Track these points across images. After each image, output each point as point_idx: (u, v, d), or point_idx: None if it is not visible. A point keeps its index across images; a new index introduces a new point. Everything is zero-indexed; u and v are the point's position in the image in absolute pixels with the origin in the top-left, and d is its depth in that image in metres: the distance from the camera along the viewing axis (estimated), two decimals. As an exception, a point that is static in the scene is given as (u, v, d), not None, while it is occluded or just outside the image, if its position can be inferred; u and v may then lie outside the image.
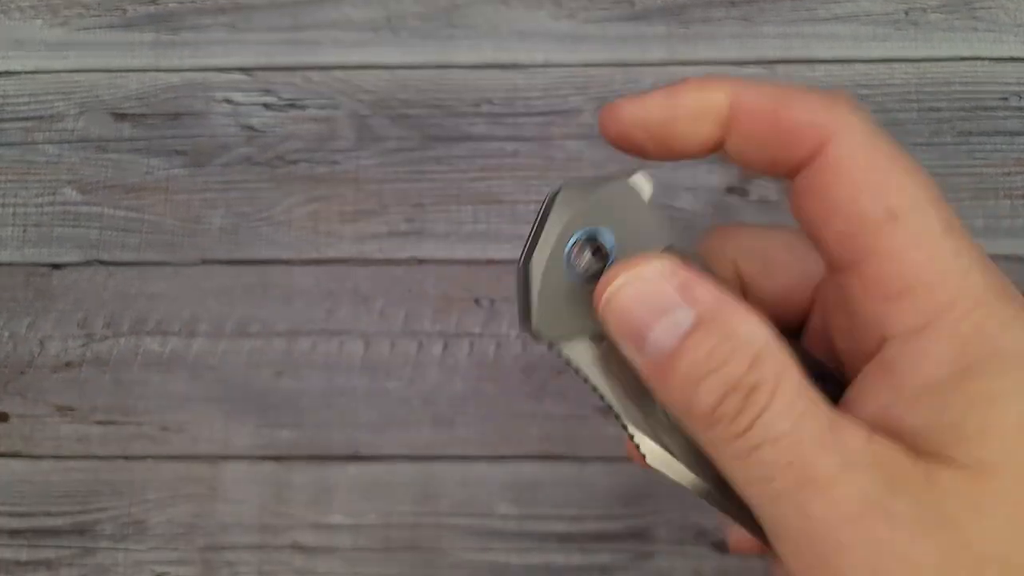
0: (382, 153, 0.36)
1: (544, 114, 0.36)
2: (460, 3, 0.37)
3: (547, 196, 0.20)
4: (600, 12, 0.37)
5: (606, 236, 0.20)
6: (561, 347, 0.20)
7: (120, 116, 0.37)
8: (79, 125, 0.37)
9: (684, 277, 0.18)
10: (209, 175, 0.36)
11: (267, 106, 0.37)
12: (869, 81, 0.36)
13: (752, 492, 0.18)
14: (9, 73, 0.37)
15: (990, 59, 0.36)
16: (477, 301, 0.35)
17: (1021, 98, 0.36)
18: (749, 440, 0.17)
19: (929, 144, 0.36)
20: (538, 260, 0.20)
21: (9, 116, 0.37)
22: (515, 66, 0.37)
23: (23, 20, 0.38)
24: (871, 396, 0.18)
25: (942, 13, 0.37)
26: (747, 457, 0.17)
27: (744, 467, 0.17)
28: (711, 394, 0.17)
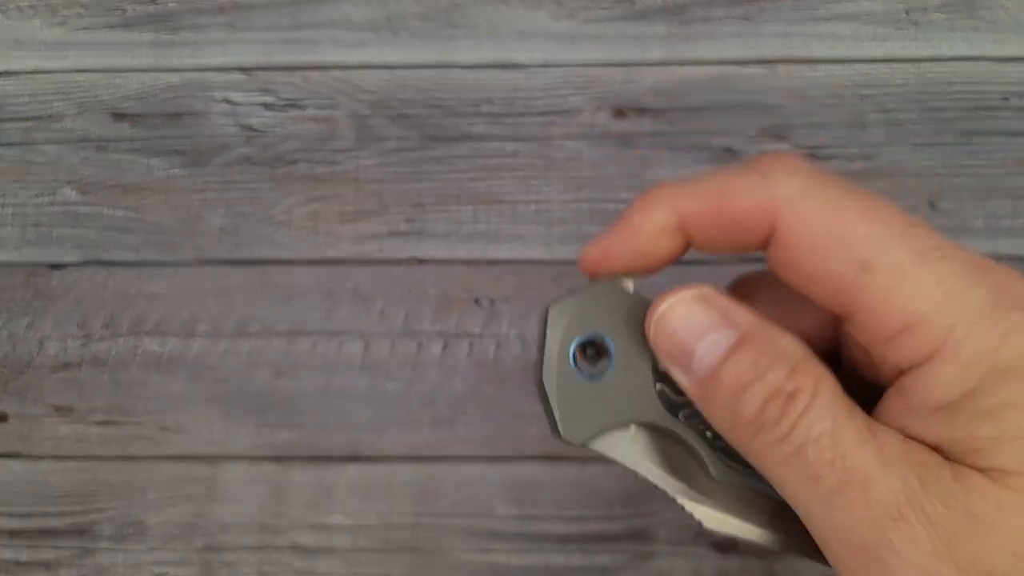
0: (382, 153, 0.36)
1: (544, 114, 0.36)
2: (460, 3, 0.37)
3: (540, 316, 0.22)
4: (600, 12, 0.37)
5: (601, 336, 0.22)
6: (595, 446, 0.22)
7: (119, 116, 0.37)
8: (78, 125, 0.37)
9: (724, 303, 0.20)
10: (209, 175, 0.36)
11: (266, 106, 0.37)
12: (870, 81, 0.36)
13: (801, 498, 0.18)
14: (8, 73, 0.37)
15: (991, 59, 0.36)
16: (477, 301, 0.35)
17: (1022, 98, 0.36)
18: (792, 441, 0.18)
19: (930, 144, 0.36)
20: (548, 375, 0.22)
21: (8, 116, 0.37)
22: (515, 66, 0.37)
23: (22, 20, 0.38)
24: (891, 418, 0.19)
25: (943, 13, 0.37)
26: (793, 460, 0.18)
27: (791, 471, 0.18)
28: (754, 401, 0.18)
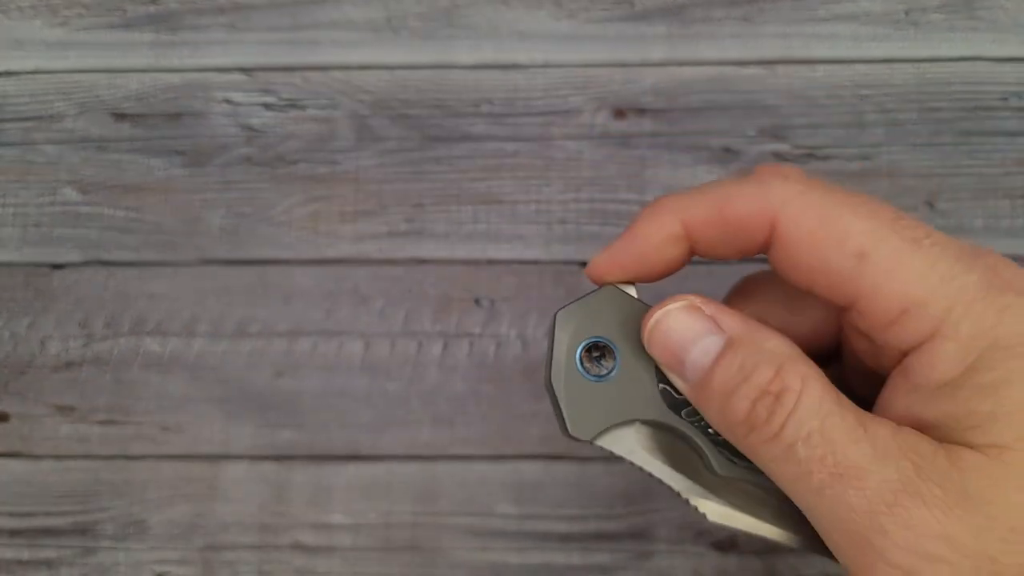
0: (382, 153, 0.36)
1: (544, 114, 0.36)
2: (460, 3, 0.37)
3: (550, 322, 0.23)
4: (600, 12, 0.37)
5: (606, 339, 0.23)
6: (602, 443, 0.23)
7: (120, 116, 0.37)
8: (79, 125, 0.37)
9: (713, 309, 0.21)
10: (209, 175, 0.36)
11: (267, 106, 0.37)
12: (869, 81, 0.36)
13: (797, 491, 0.19)
14: (9, 73, 0.37)
15: (990, 59, 0.36)
16: (477, 301, 0.35)
17: (1021, 98, 0.36)
18: (783, 440, 0.19)
19: (929, 144, 0.36)
20: (556, 376, 0.23)
21: (9, 116, 0.37)
22: (515, 66, 0.37)
23: (23, 20, 0.38)
24: (896, 398, 0.20)
25: (942, 13, 0.37)
26: (785, 457, 0.19)
27: (785, 467, 0.19)
28: (744, 401, 0.19)
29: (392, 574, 0.34)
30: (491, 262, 0.35)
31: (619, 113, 0.36)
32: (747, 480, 0.21)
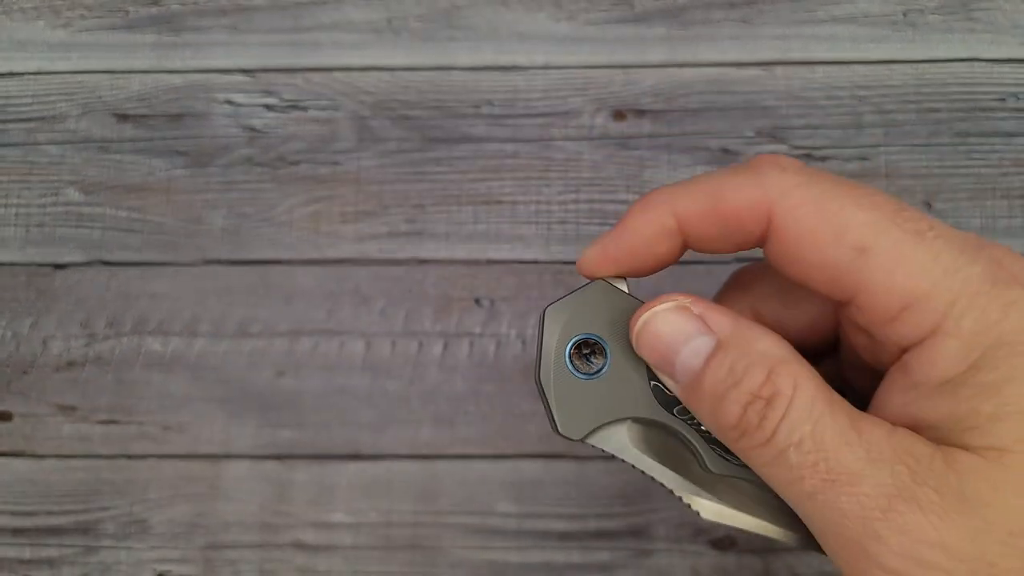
0: (383, 154, 0.36)
1: (544, 115, 0.36)
2: (460, 5, 0.37)
3: (539, 318, 0.23)
4: (600, 14, 0.37)
5: (597, 335, 0.22)
6: (593, 441, 0.22)
7: (122, 117, 0.37)
8: (81, 126, 0.37)
9: (702, 308, 0.20)
10: (211, 176, 0.36)
11: (268, 107, 0.37)
12: (867, 82, 0.36)
13: (790, 495, 0.19)
14: (12, 74, 0.38)
15: (988, 60, 0.36)
16: (477, 301, 0.35)
17: (1018, 99, 0.36)
18: (775, 445, 0.18)
19: (927, 145, 0.36)
20: (545, 373, 0.22)
21: (12, 117, 0.37)
22: (515, 68, 0.37)
23: (25, 21, 0.38)
24: (894, 396, 0.19)
25: (940, 14, 0.37)
26: (777, 462, 0.18)
27: (777, 472, 0.19)
28: (735, 406, 0.19)
29: (393, 573, 0.34)
30: (491, 262, 0.36)
31: (618, 114, 0.36)
32: (741, 477, 0.21)
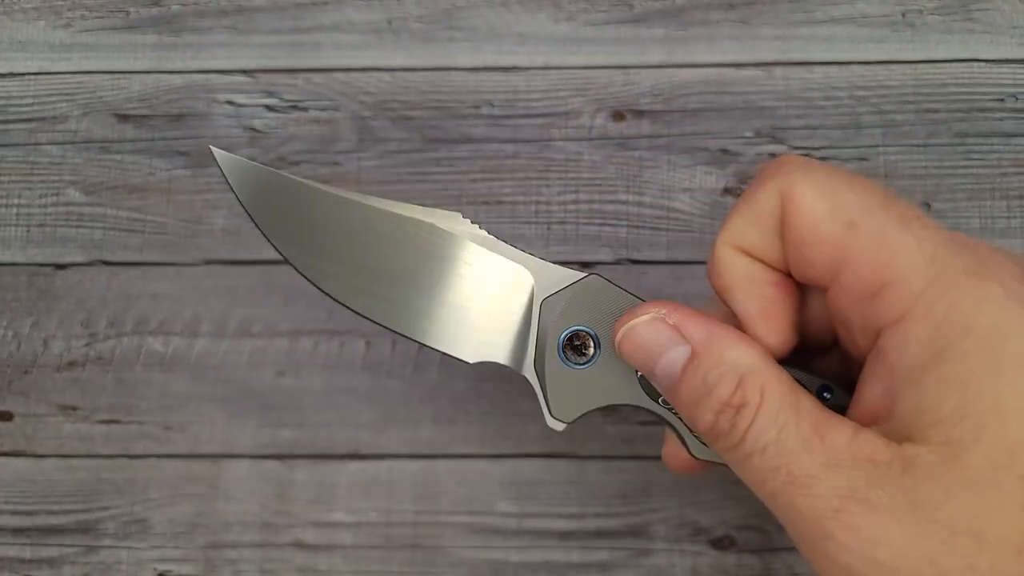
0: (383, 155, 0.37)
1: (544, 116, 0.37)
2: (460, 6, 0.38)
3: (536, 311, 0.25)
4: (599, 15, 0.37)
5: (588, 328, 0.24)
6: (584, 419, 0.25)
7: (123, 117, 0.37)
8: (82, 126, 0.37)
9: (677, 318, 0.22)
10: (211, 176, 0.36)
11: (269, 108, 0.37)
12: (866, 83, 0.36)
13: (757, 493, 0.20)
14: (12, 75, 0.38)
15: (987, 61, 0.37)
16: (477, 301, 0.35)
17: (1017, 99, 0.36)
18: (743, 450, 0.20)
19: (926, 145, 0.36)
20: (539, 362, 0.24)
21: (13, 117, 0.37)
22: (515, 68, 0.37)
23: (26, 22, 0.38)
24: (872, 383, 0.20)
25: (939, 15, 0.37)
26: (745, 464, 0.20)
27: (745, 472, 0.20)
28: (708, 413, 0.21)
29: (393, 572, 0.34)
30: (491, 262, 0.36)
31: (618, 115, 0.37)
32: (723, 461, 0.23)
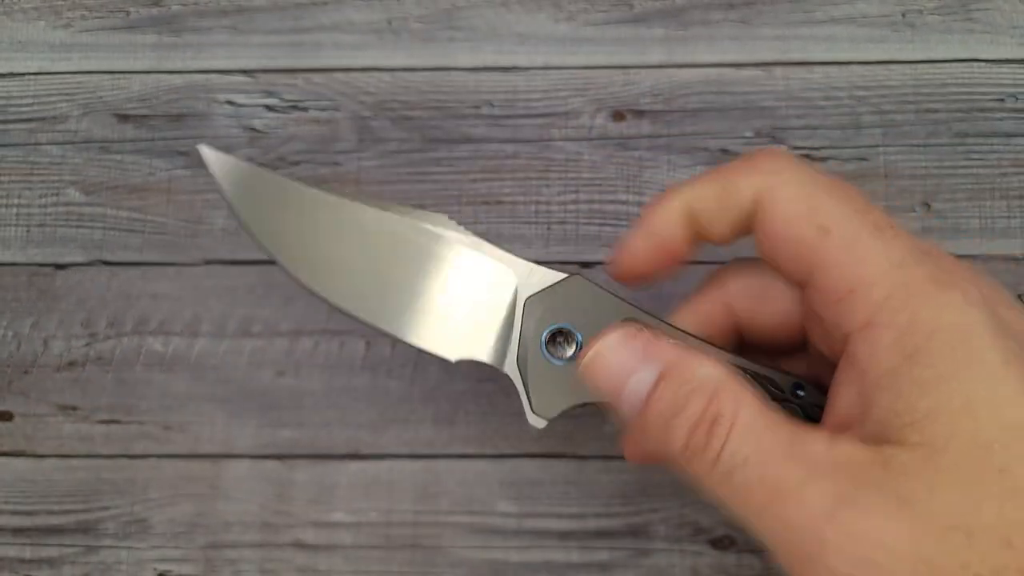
0: (383, 155, 0.37)
1: (544, 116, 0.37)
2: (460, 6, 0.38)
3: (520, 309, 0.25)
4: (599, 15, 0.37)
5: (570, 325, 0.24)
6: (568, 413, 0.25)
7: (123, 117, 0.37)
8: (82, 126, 0.37)
9: (643, 339, 0.21)
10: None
11: (269, 108, 0.37)
12: (866, 83, 0.36)
13: (740, 513, 0.20)
14: (12, 75, 0.38)
15: (987, 61, 0.37)
16: (477, 301, 0.35)
17: (1017, 99, 0.36)
18: (721, 466, 0.20)
19: (926, 145, 0.36)
20: (522, 359, 0.25)
21: (12, 117, 0.37)
22: (515, 68, 0.37)
23: (26, 22, 0.38)
24: (845, 386, 0.21)
25: (939, 15, 0.37)
26: (726, 482, 0.20)
27: (727, 492, 0.20)
28: (680, 431, 0.20)
29: (393, 572, 0.34)
30: (491, 262, 0.36)
31: (618, 115, 0.37)
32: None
